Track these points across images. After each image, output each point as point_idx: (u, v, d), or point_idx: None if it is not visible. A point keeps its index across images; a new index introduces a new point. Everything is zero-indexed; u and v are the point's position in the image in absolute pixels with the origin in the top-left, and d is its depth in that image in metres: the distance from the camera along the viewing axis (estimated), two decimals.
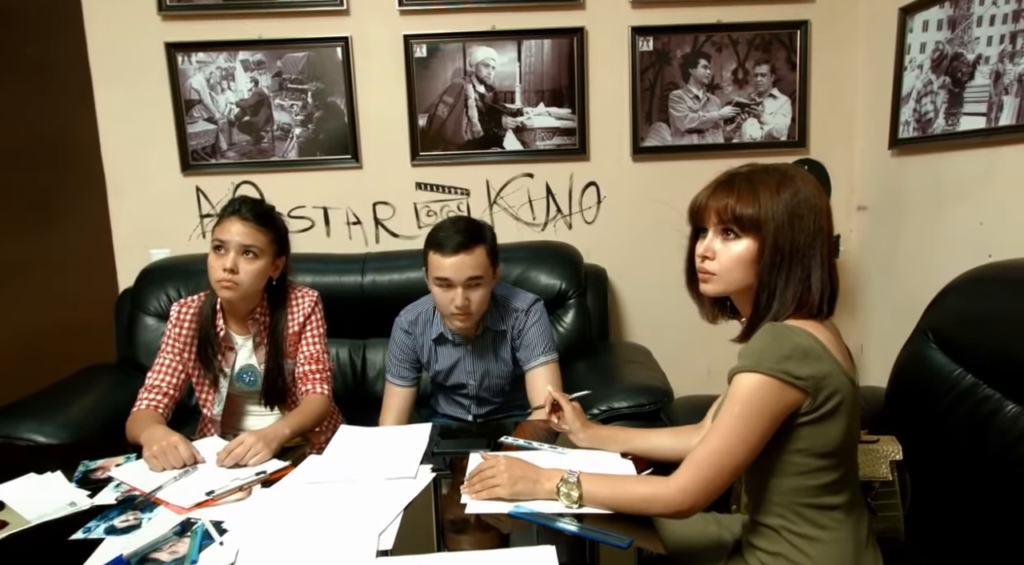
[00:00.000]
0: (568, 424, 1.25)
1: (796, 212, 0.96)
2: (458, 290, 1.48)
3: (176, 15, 2.19)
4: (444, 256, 1.47)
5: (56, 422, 1.68)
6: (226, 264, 1.37)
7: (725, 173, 1.04)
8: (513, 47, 2.25)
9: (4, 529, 1.02)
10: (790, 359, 0.92)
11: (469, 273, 1.48)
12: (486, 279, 1.53)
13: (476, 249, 1.50)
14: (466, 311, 1.50)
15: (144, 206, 2.31)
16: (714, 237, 1.01)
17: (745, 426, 0.93)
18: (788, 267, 0.97)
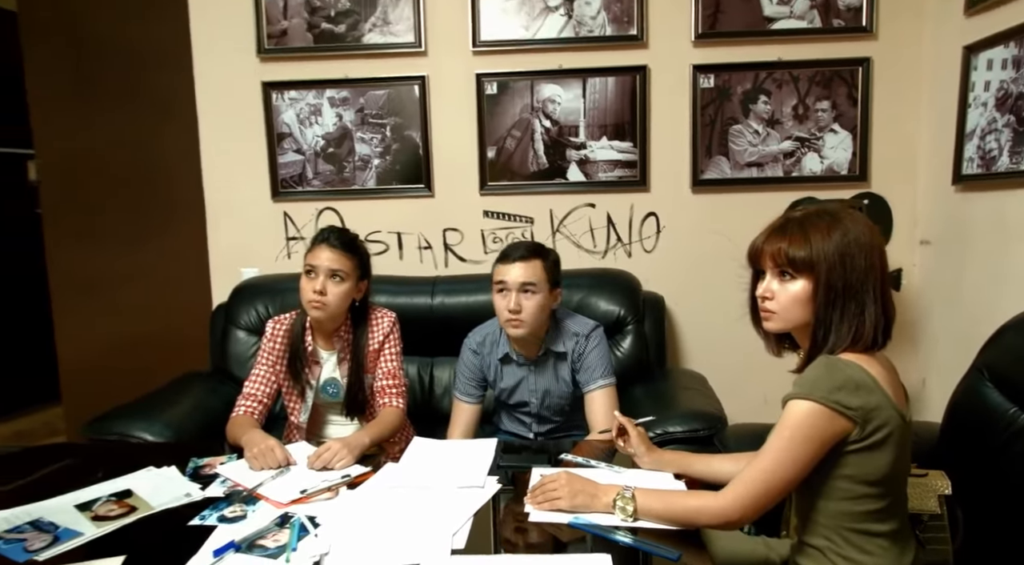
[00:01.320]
0: (634, 447, 1.34)
1: (847, 252, 1.04)
2: (512, 294, 1.62)
3: (272, 57, 2.42)
4: (504, 264, 1.65)
5: (161, 423, 1.88)
6: (316, 287, 1.54)
7: (780, 218, 1.13)
8: (578, 84, 2.37)
9: (134, 513, 1.19)
10: (841, 390, 0.99)
11: (523, 279, 1.62)
12: (539, 289, 1.65)
13: (533, 261, 1.65)
14: (518, 317, 1.62)
15: (237, 228, 2.54)
16: (772, 278, 1.10)
17: (794, 449, 1.00)
18: (842, 304, 1.04)
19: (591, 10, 2.33)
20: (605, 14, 2.33)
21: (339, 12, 2.38)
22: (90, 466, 1.47)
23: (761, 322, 1.14)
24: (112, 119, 2.70)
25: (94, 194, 2.76)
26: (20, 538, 1.10)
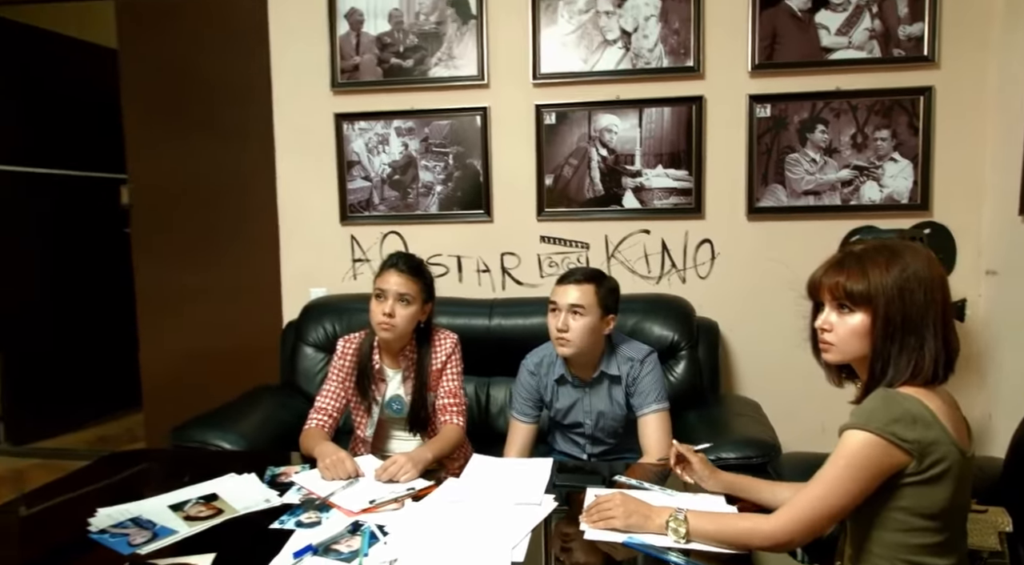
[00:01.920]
0: (697, 473, 1.36)
1: (906, 286, 1.06)
2: (562, 314, 1.69)
3: (345, 90, 2.58)
4: (560, 286, 1.73)
5: (236, 432, 2.01)
6: (385, 309, 1.65)
7: (839, 252, 1.16)
8: (635, 114, 2.44)
9: (220, 515, 1.30)
10: (899, 422, 1.01)
11: (572, 301, 1.69)
12: (588, 312, 1.70)
13: (586, 285, 1.71)
14: (564, 336, 1.69)
15: (307, 250, 2.69)
16: (830, 311, 1.13)
17: (848, 478, 1.03)
18: (901, 337, 1.06)
19: (648, 43, 2.40)
20: (662, 47, 2.39)
21: (408, 48, 2.52)
22: (178, 470, 1.60)
23: (820, 353, 1.17)
24: (196, 147, 2.91)
25: (178, 217, 2.97)
26: (124, 533, 1.22)
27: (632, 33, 2.40)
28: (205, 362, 3.00)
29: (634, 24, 2.40)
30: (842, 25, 2.30)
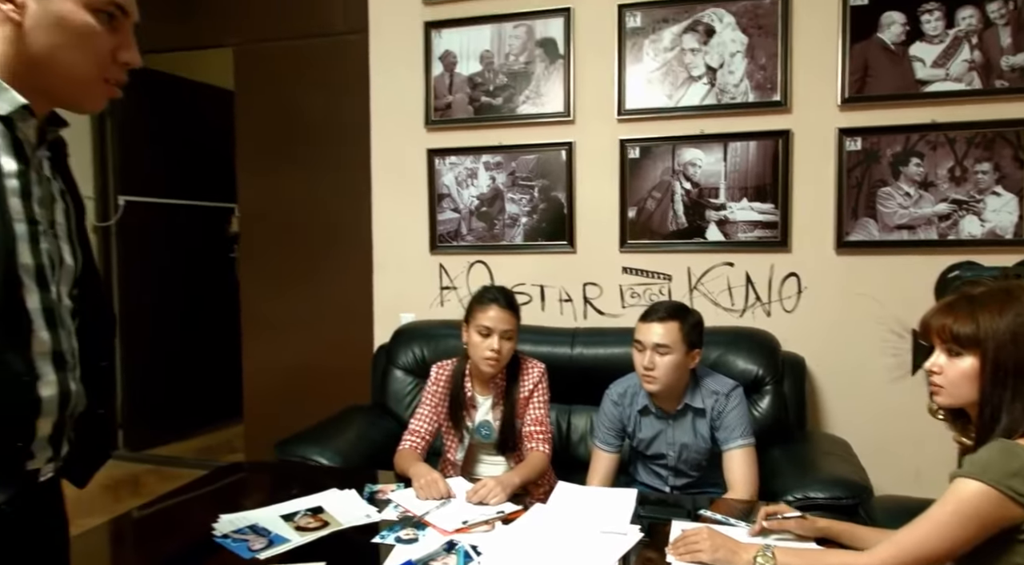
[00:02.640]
0: (804, 532, 1.29)
1: (1020, 331, 1.05)
2: (647, 352, 1.72)
3: (437, 127, 2.73)
4: (644, 323, 1.76)
5: (332, 449, 2.14)
6: (493, 346, 1.74)
7: (952, 293, 1.16)
8: (720, 148, 2.46)
9: (327, 528, 1.41)
10: (1016, 476, 0.99)
11: (657, 340, 1.72)
12: (673, 349, 1.73)
13: (671, 322, 1.73)
14: (651, 374, 1.72)
15: (398, 277, 2.84)
16: (940, 353, 1.13)
17: (954, 525, 1.02)
18: (1013, 384, 1.05)
19: (734, 78, 2.42)
20: (748, 82, 2.41)
21: (497, 87, 2.65)
22: (285, 483, 1.74)
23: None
24: (300, 180, 3.14)
25: (281, 243, 3.21)
26: (244, 539, 1.34)
27: (717, 69, 2.44)
28: (301, 379, 3.20)
29: (720, 60, 2.43)
30: (938, 57, 2.26)
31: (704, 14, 2.43)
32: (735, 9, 2.41)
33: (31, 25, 0.81)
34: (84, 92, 0.87)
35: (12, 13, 0.80)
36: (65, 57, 0.83)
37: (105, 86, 0.88)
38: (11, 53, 0.81)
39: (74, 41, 0.83)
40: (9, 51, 0.81)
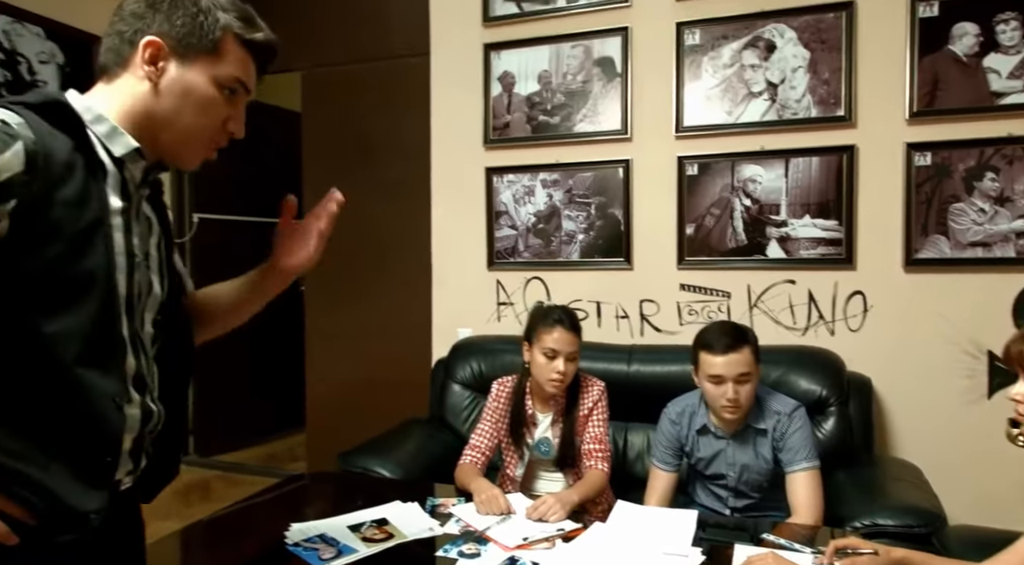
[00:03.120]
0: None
1: None
2: (729, 385, 1.69)
3: (495, 146, 2.79)
4: (715, 356, 1.70)
5: (393, 461, 2.19)
6: (559, 368, 1.77)
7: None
8: (780, 164, 2.43)
9: (392, 540, 1.45)
10: None
11: (739, 369, 1.69)
12: (753, 376, 1.71)
13: (743, 348, 1.71)
14: (736, 404, 1.69)
15: (456, 292, 2.90)
16: (1022, 381, 1.10)
17: None
18: None
19: (796, 94, 2.39)
20: (811, 97, 2.38)
21: (555, 106, 2.69)
22: (349, 494, 1.80)
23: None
24: (362, 197, 3.23)
25: (344, 258, 3.31)
26: (314, 548, 1.40)
27: (779, 85, 2.41)
28: (361, 390, 3.29)
29: (781, 76, 2.41)
30: (1015, 68, 2.18)
31: (764, 30, 2.41)
32: (797, 24, 2.38)
33: (163, 88, 0.90)
34: (189, 152, 0.96)
35: (152, 74, 0.89)
36: (184, 120, 0.92)
37: (208, 149, 0.97)
38: (139, 107, 0.90)
39: (196, 109, 0.92)
40: (137, 105, 0.90)
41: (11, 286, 0.77)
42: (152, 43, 0.89)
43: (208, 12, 0.91)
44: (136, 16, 0.90)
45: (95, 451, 0.85)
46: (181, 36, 0.90)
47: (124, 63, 0.91)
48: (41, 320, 0.79)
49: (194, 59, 0.91)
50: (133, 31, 0.90)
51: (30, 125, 0.78)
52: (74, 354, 0.81)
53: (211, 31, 0.91)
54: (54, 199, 0.78)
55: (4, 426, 0.79)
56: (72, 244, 0.80)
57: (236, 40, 0.93)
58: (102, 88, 0.92)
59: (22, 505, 0.79)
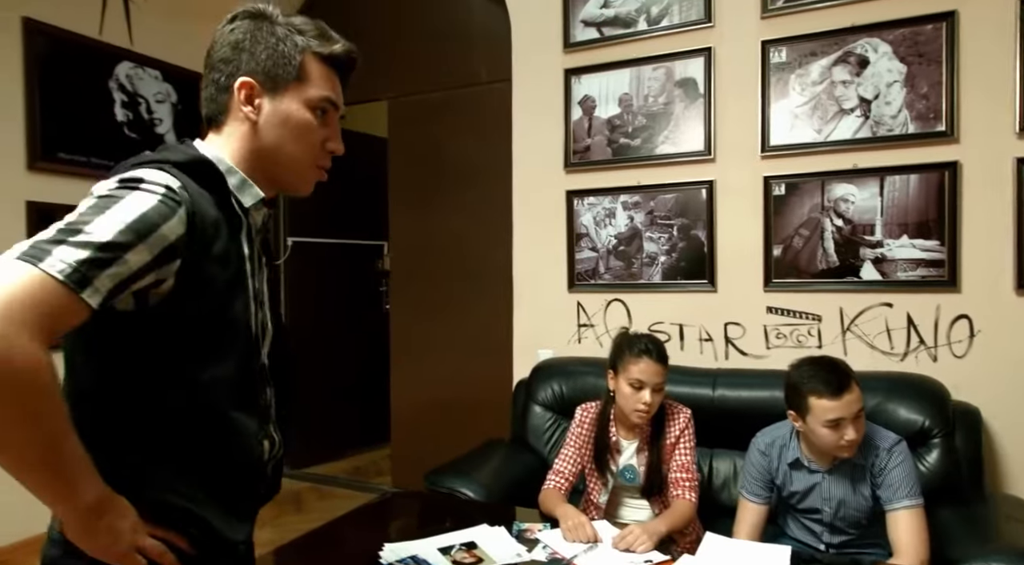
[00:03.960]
0: None
1: None
2: (850, 426, 1.61)
3: (576, 169, 2.81)
4: (830, 399, 1.61)
5: (477, 482, 2.23)
6: (645, 399, 1.77)
7: None
8: (875, 183, 2.33)
9: (481, 564, 1.49)
10: None
11: (856, 408, 1.62)
12: (863, 410, 1.65)
13: (852, 384, 1.64)
14: (856, 443, 1.63)
15: (537, 314, 2.93)
16: None
17: None
18: None
19: (891, 110, 2.30)
20: (907, 112, 2.28)
21: (636, 128, 2.69)
22: (437, 515, 1.85)
23: None
24: (445, 220, 3.35)
25: (427, 279, 3.43)
26: None
27: (872, 101, 2.32)
28: (443, 407, 3.37)
29: (875, 91, 2.32)
30: None
31: (856, 45, 2.34)
32: (892, 38, 2.29)
33: (263, 123, 0.94)
34: (301, 178, 1.00)
35: (251, 114, 0.93)
36: (287, 150, 0.96)
37: (316, 171, 1.01)
38: (247, 148, 0.95)
39: (295, 136, 0.96)
40: (245, 146, 0.95)
41: (173, 338, 0.83)
42: (245, 84, 0.92)
43: (285, 39, 0.94)
44: (225, 61, 0.94)
45: (246, 486, 0.92)
46: (268, 69, 0.93)
47: (225, 109, 0.95)
48: (198, 369, 0.85)
49: (284, 89, 0.94)
50: (225, 76, 0.93)
51: (186, 188, 0.82)
52: (227, 398, 0.87)
53: (292, 57, 0.94)
54: (208, 257, 0.83)
55: (172, 467, 0.86)
56: (221, 297, 0.86)
57: (316, 58, 0.96)
58: (214, 138, 0.96)
59: (188, 539, 0.86)
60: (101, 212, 0.74)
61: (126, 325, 0.80)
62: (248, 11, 0.95)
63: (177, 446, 0.86)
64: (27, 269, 0.68)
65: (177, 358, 0.84)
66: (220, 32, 0.95)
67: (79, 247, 0.71)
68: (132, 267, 0.74)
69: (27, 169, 2.66)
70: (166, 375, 0.83)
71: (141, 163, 0.84)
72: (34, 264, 0.69)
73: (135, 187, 0.78)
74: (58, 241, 0.71)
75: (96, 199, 0.77)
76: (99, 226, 0.73)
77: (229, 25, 0.95)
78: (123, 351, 0.82)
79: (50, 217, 0.78)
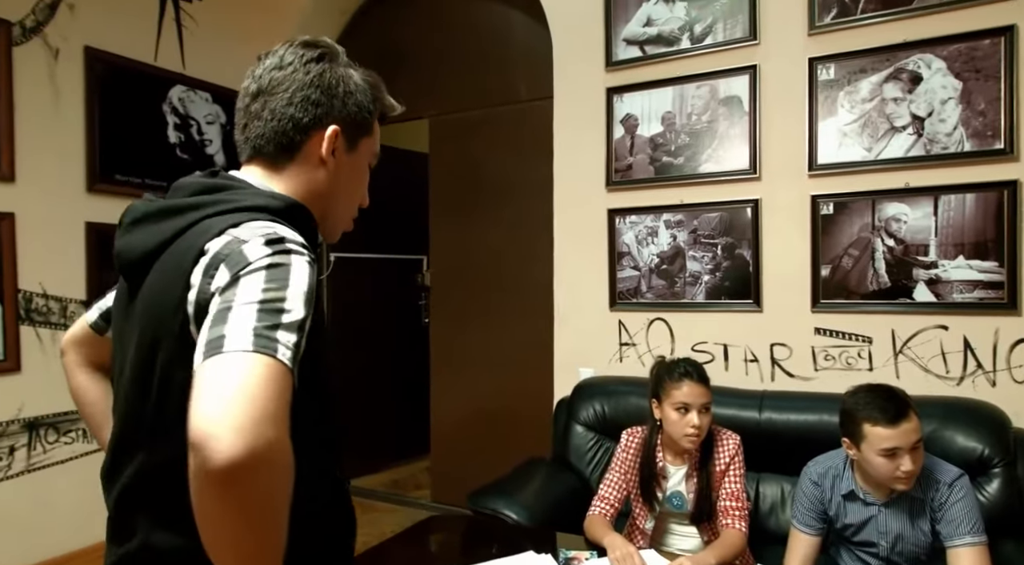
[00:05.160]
0: None
1: None
2: (905, 456, 1.57)
3: (618, 188, 2.80)
4: (887, 427, 1.57)
5: (519, 503, 2.22)
6: (694, 422, 1.75)
7: None
8: (929, 202, 2.27)
9: None
10: None
11: (914, 437, 1.57)
12: (922, 440, 1.60)
13: (911, 412, 1.59)
14: (913, 475, 1.58)
15: (578, 333, 2.92)
16: None
17: None
18: None
19: (946, 127, 2.24)
20: (963, 130, 2.22)
21: (679, 146, 2.67)
22: (484, 538, 1.85)
23: None
24: (486, 236, 3.37)
25: (468, 295, 3.45)
26: None
27: (925, 118, 2.27)
28: (482, 422, 3.39)
29: (928, 109, 2.26)
30: None
31: (908, 61, 2.28)
32: (946, 54, 2.23)
33: (335, 172, 0.92)
34: (342, 226, 1.00)
35: (329, 161, 0.90)
36: (345, 199, 0.96)
37: (351, 222, 1.01)
38: (311, 191, 0.91)
39: (354, 187, 0.97)
40: (310, 190, 0.91)
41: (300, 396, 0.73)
42: (335, 133, 0.89)
43: (364, 91, 0.92)
44: (313, 103, 0.87)
45: (349, 540, 0.92)
46: (353, 120, 0.91)
47: (296, 149, 0.88)
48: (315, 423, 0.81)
49: (359, 141, 0.93)
50: (311, 118, 0.87)
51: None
52: (333, 456, 0.87)
53: (368, 110, 0.93)
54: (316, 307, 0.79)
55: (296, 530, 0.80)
56: (319, 346, 0.80)
57: (378, 114, 0.96)
58: (270, 175, 0.89)
59: None
60: (285, 286, 0.70)
61: None
62: (326, 51, 0.91)
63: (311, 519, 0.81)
64: (269, 363, 0.63)
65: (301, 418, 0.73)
66: (296, 66, 0.88)
67: (290, 330, 0.67)
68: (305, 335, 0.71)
69: (87, 191, 2.77)
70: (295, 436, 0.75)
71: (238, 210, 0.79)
72: (272, 356, 0.64)
73: (289, 250, 0.73)
74: (275, 325, 0.66)
75: (266, 270, 0.70)
76: (293, 302, 0.69)
77: (316, 65, 0.89)
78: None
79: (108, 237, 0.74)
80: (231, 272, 0.70)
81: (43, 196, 2.65)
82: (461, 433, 3.49)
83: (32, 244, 2.62)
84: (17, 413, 2.60)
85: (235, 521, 0.61)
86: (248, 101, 0.90)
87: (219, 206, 0.79)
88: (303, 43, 0.91)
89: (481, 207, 3.40)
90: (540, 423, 2.99)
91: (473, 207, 3.43)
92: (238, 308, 0.67)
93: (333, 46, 0.93)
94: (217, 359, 0.63)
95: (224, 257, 0.72)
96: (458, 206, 3.49)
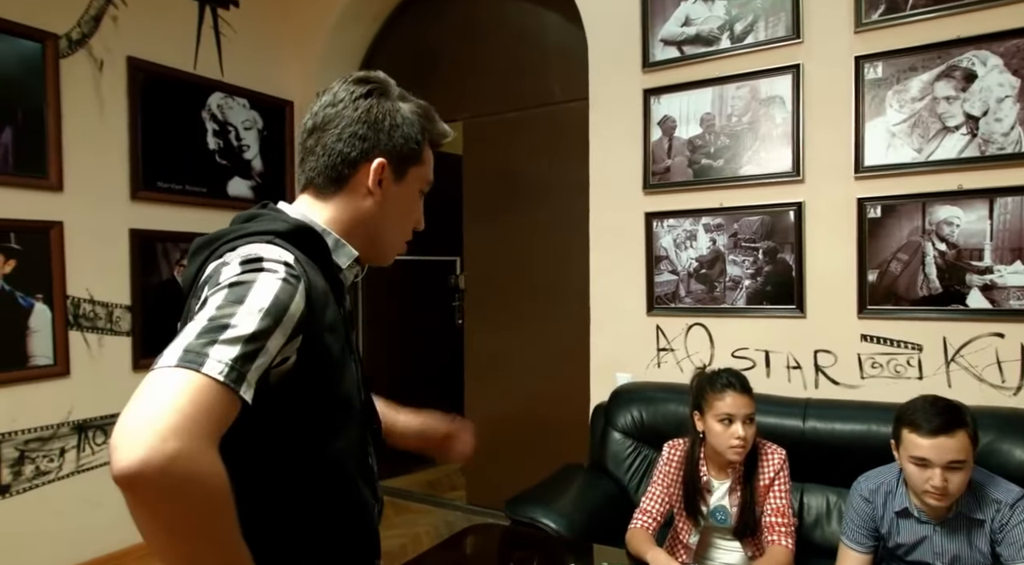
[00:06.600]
0: None
1: None
2: (936, 471, 1.52)
3: (655, 191, 2.75)
4: (922, 437, 1.53)
5: (556, 512, 2.21)
6: (738, 433, 1.72)
7: None
8: (984, 205, 2.18)
9: None
10: None
11: (949, 456, 1.51)
12: (967, 463, 1.53)
13: (958, 433, 1.52)
14: (943, 492, 1.53)
15: (615, 338, 2.89)
16: None
17: None
18: None
19: (1002, 127, 2.15)
20: (1021, 129, 2.12)
21: (718, 149, 2.61)
22: (524, 547, 1.84)
23: None
24: (520, 239, 3.35)
25: (502, 298, 3.43)
26: None
27: (980, 117, 2.18)
28: (517, 424, 3.37)
29: (983, 107, 2.17)
30: None
31: (962, 58, 2.19)
32: (1002, 50, 2.14)
33: (382, 201, 0.94)
34: (393, 252, 1.01)
35: (376, 192, 0.93)
36: (394, 226, 0.98)
37: (404, 246, 1.02)
38: (356, 219, 0.94)
39: (406, 215, 0.98)
40: (355, 218, 0.93)
41: (296, 415, 0.80)
42: (381, 165, 0.91)
43: (412, 123, 0.94)
44: (361, 138, 0.91)
45: (369, 556, 0.92)
46: (401, 152, 0.93)
47: (344, 181, 0.92)
48: (324, 444, 0.83)
49: (407, 171, 0.95)
50: (359, 152, 0.91)
51: (299, 261, 0.80)
52: (353, 469, 0.87)
53: (416, 141, 0.94)
54: (323, 328, 0.81)
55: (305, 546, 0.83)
56: (337, 366, 0.84)
57: (429, 142, 0.97)
58: (313, 203, 0.93)
59: None
60: (240, 302, 0.71)
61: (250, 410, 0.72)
62: (375, 86, 0.94)
63: (313, 527, 0.83)
64: (191, 376, 0.65)
65: (302, 435, 0.81)
66: (346, 102, 0.92)
67: (230, 344, 0.68)
68: (272, 353, 0.72)
69: (130, 199, 2.83)
70: (293, 455, 0.82)
71: (245, 235, 0.82)
72: (196, 370, 0.65)
73: (260, 268, 0.75)
74: (210, 341, 0.67)
75: (227, 288, 0.73)
76: (242, 318, 0.70)
77: (365, 101, 0.92)
78: (248, 437, 0.75)
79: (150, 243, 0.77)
80: (205, 294, 0.74)
81: (89, 204, 2.72)
82: (496, 435, 3.47)
83: (79, 251, 2.68)
84: (67, 416, 2.67)
85: (155, 530, 0.64)
86: (305, 137, 0.94)
87: (236, 234, 0.83)
88: (356, 79, 0.94)
89: (515, 210, 3.38)
90: (575, 428, 2.97)
91: (507, 209, 3.41)
92: (188, 327, 0.70)
93: (384, 80, 0.95)
94: (148, 375, 0.66)
95: (207, 280, 0.78)
96: (492, 208, 3.47)
